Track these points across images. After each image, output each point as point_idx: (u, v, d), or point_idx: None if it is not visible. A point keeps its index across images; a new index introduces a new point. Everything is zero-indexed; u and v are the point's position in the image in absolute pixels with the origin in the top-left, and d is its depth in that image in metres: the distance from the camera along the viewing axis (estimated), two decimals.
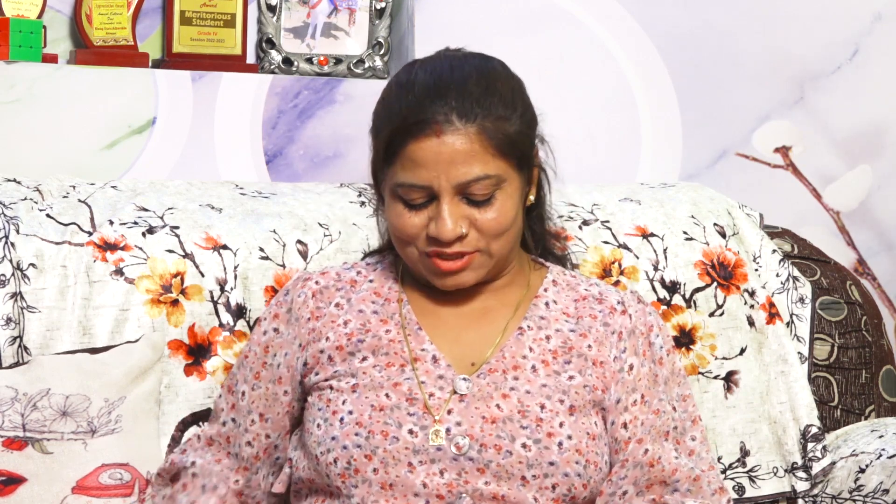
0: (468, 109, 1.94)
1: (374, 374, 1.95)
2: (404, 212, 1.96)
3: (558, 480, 1.92)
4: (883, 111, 3.09)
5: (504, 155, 1.95)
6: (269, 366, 2.03)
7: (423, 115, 1.94)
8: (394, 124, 1.96)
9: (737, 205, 2.53)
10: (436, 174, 1.93)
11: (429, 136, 1.93)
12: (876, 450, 2.30)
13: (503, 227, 1.96)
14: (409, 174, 1.94)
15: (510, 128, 1.96)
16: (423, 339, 1.98)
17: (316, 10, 2.80)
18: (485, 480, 1.90)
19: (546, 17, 2.88)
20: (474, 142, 1.94)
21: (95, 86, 2.55)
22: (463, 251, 1.95)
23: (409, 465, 1.90)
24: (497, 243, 1.96)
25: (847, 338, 2.49)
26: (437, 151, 1.93)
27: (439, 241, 1.94)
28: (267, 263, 2.24)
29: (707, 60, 2.97)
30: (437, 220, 1.93)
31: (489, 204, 1.95)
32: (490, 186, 1.94)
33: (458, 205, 1.94)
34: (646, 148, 2.96)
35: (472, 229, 1.94)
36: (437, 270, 1.96)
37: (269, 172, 2.68)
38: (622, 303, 2.06)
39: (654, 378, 2.03)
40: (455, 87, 1.96)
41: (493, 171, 1.94)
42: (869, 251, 3.12)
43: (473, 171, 1.93)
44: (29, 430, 1.97)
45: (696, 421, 2.06)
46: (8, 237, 2.13)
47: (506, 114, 1.96)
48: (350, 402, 1.94)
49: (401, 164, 1.95)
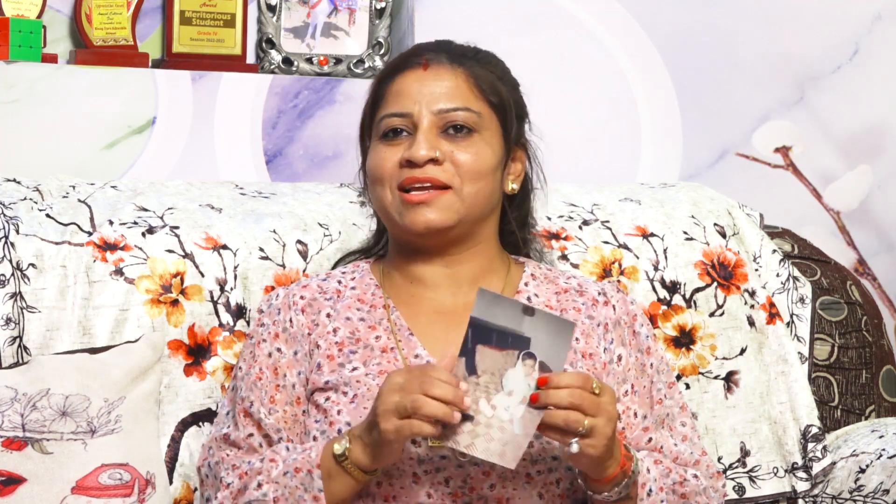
0: (460, 56, 2.00)
1: (369, 383, 1.93)
2: (383, 149, 1.98)
3: (562, 475, 1.92)
4: (883, 111, 3.09)
5: (488, 102, 1.99)
6: (283, 388, 1.99)
7: (413, 53, 2.01)
8: (384, 70, 2.02)
9: (737, 205, 2.53)
10: (417, 102, 1.96)
11: (415, 69, 1.99)
12: (876, 450, 2.30)
13: (478, 169, 1.96)
14: (392, 105, 1.98)
15: (499, 85, 2.00)
16: (414, 344, 1.97)
17: (316, 10, 2.80)
18: (490, 484, 1.89)
19: (546, 16, 2.88)
20: (460, 79, 1.98)
21: (95, 86, 2.55)
22: (435, 178, 1.94)
23: (413, 476, 1.89)
24: (469, 186, 1.96)
25: (847, 338, 2.49)
26: (422, 82, 1.97)
27: (412, 163, 1.94)
28: (267, 263, 2.24)
29: (707, 60, 2.97)
30: (412, 144, 1.95)
31: (467, 140, 1.96)
32: (469, 120, 1.96)
33: (436, 136, 1.96)
34: (646, 148, 2.96)
35: (446, 161, 1.95)
36: (406, 204, 1.94)
37: (269, 172, 2.68)
38: (603, 293, 2.06)
39: (641, 368, 2.04)
40: (453, 44, 2.03)
41: (475, 107, 1.97)
42: (869, 251, 3.12)
43: (455, 103, 1.96)
44: (29, 431, 1.96)
45: (683, 407, 2.07)
46: (8, 237, 2.13)
47: (497, 74, 2.02)
48: (346, 412, 1.92)
49: (385, 102, 1.99)
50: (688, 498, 1.94)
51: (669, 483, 1.93)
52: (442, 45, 2.03)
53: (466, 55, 2.01)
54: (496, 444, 1.80)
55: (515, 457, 1.80)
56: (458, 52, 2.01)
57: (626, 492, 1.88)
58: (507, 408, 1.80)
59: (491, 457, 1.80)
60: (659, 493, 1.91)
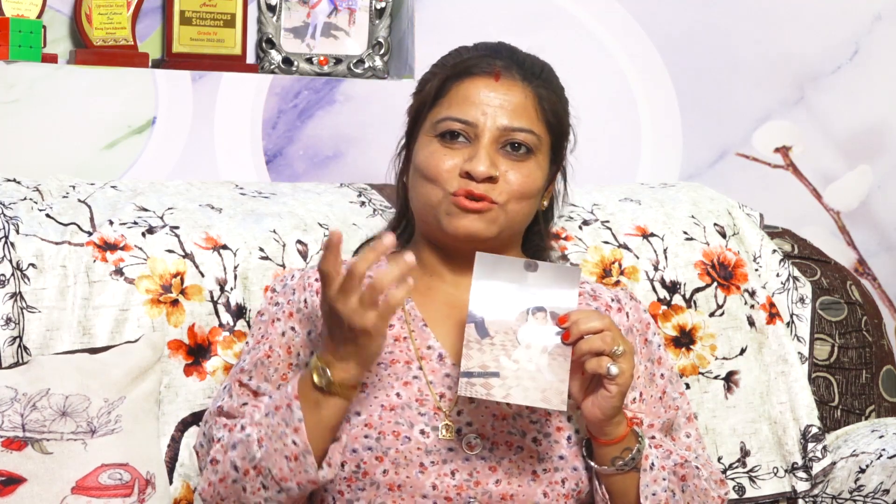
0: (529, 72, 2.00)
1: (380, 373, 1.94)
2: (439, 149, 1.98)
3: (567, 475, 1.92)
4: (883, 111, 3.09)
5: (548, 125, 2.00)
6: (297, 367, 2.00)
7: (484, 61, 1.99)
8: (452, 68, 2.00)
9: (737, 205, 2.53)
10: (483, 113, 1.96)
11: (487, 77, 1.98)
12: (876, 450, 2.30)
13: (527, 190, 1.97)
14: (456, 109, 1.97)
15: (560, 108, 2.02)
16: (428, 335, 1.98)
17: (316, 9, 2.80)
18: (496, 479, 1.90)
19: (546, 17, 2.88)
20: (528, 99, 1.99)
21: (95, 86, 2.55)
22: (488, 195, 1.94)
23: (420, 466, 1.89)
24: (515, 205, 1.97)
25: (847, 338, 2.49)
26: (491, 94, 1.97)
27: (471, 176, 1.94)
28: (267, 263, 2.24)
29: (707, 60, 2.97)
30: (474, 157, 1.95)
31: (522, 161, 1.97)
32: (529, 141, 1.97)
33: (495, 152, 1.96)
34: (646, 148, 2.96)
35: (501, 180, 1.96)
36: (458, 207, 1.94)
37: (269, 172, 2.68)
38: (617, 300, 2.07)
39: (650, 377, 2.04)
40: (521, 54, 2.03)
41: (536, 129, 1.98)
42: (869, 251, 3.12)
43: (520, 122, 1.96)
44: (28, 431, 1.96)
45: (690, 418, 2.08)
46: (8, 237, 2.13)
47: (559, 95, 2.03)
48: (357, 401, 1.92)
49: (448, 102, 1.98)
50: (686, 480, 1.95)
51: (671, 464, 1.95)
52: (513, 54, 2.02)
53: (535, 73, 2.01)
54: (534, 392, 1.81)
55: (562, 400, 1.82)
56: (529, 69, 2.01)
57: (632, 464, 1.90)
58: (530, 359, 1.82)
59: (535, 402, 1.81)
60: (661, 470, 1.92)
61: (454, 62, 2.01)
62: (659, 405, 2.04)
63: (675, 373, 2.09)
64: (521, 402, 1.81)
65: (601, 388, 1.85)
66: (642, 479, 1.90)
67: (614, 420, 1.88)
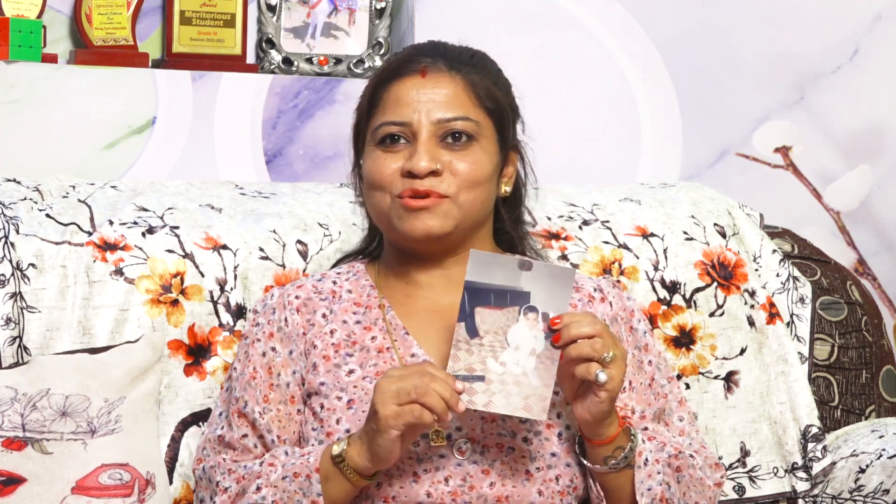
0: (456, 61, 1.99)
1: (366, 387, 1.93)
2: (381, 155, 1.97)
3: (561, 471, 1.92)
4: (883, 111, 3.09)
5: (486, 109, 1.98)
6: (277, 387, 1.99)
7: (410, 59, 1.99)
8: (380, 74, 2.00)
9: (737, 205, 2.53)
10: (416, 111, 1.95)
11: (413, 76, 1.98)
12: (876, 450, 2.30)
13: (475, 178, 1.96)
14: (390, 113, 1.97)
15: (495, 90, 2.00)
16: (410, 343, 1.97)
17: (316, 10, 2.80)
18: (490, 482, 1.89)
19: (546, 16, 2.88)
20: (459, 87, 1.98)
21: (95, 86, 2.55)
22: (434, 189, 1.93)
23: (413, 475, 1.89)
24: (466, 194, 1.95)
25: (847, 338, 2.49)
26: (420, 91, 1.97)
27: (413, 175, 1.93)
28: (267, 263, 2.24)
29: (707, 60, 2.97)
30: (412, 155, 1.94)
31: (465, 149, 1.96)
32: (468, 128, 1.96)
33: (435, 146, 1.95)
34: (646, 148, 2.96)
35: (445, 172, 1.95)
36: (406, 208, 1.94)
37: (269, 172, 2.68)
38: (599, 289, 2.06)
39: (638, 364, 2.04)
40: (448, 47, 2.02)
41: (473, 115, 1.97)
42: (869, 251, 3.12)
43: (454, 112, 1.96)
44: (29, 431, 1.96)
45: (682, 402, 2.08)
46: (8, 237, 2.13)
47: (492, 79, 2.01)
48: (345, 419, 1.92)
49: (382, 109, 1.98)
50: (682, 471, 1.94)
51: (665, 456, 1.94)
52: (437, 48, 2.02)
53: (463, 60, 2.00)
54: (517, 399, 1.80)
55: (543, 408, 1.81)
56: (455, 58, 2.00)
57: (625, 463, 1.89)
58: (517, 362, 1.81)
59: (515, 411, 1.80)
60: (655, 464, 1.91)
61: (382, 69, 2.02)
62: (649, 392, 2.03)
63: (662, 358, 2.08)
64: (501, 411, 1.80)
65: (591, 393, 1.84)
66: (637, 476, 1.90)
67: (605, 422, 1.87)
